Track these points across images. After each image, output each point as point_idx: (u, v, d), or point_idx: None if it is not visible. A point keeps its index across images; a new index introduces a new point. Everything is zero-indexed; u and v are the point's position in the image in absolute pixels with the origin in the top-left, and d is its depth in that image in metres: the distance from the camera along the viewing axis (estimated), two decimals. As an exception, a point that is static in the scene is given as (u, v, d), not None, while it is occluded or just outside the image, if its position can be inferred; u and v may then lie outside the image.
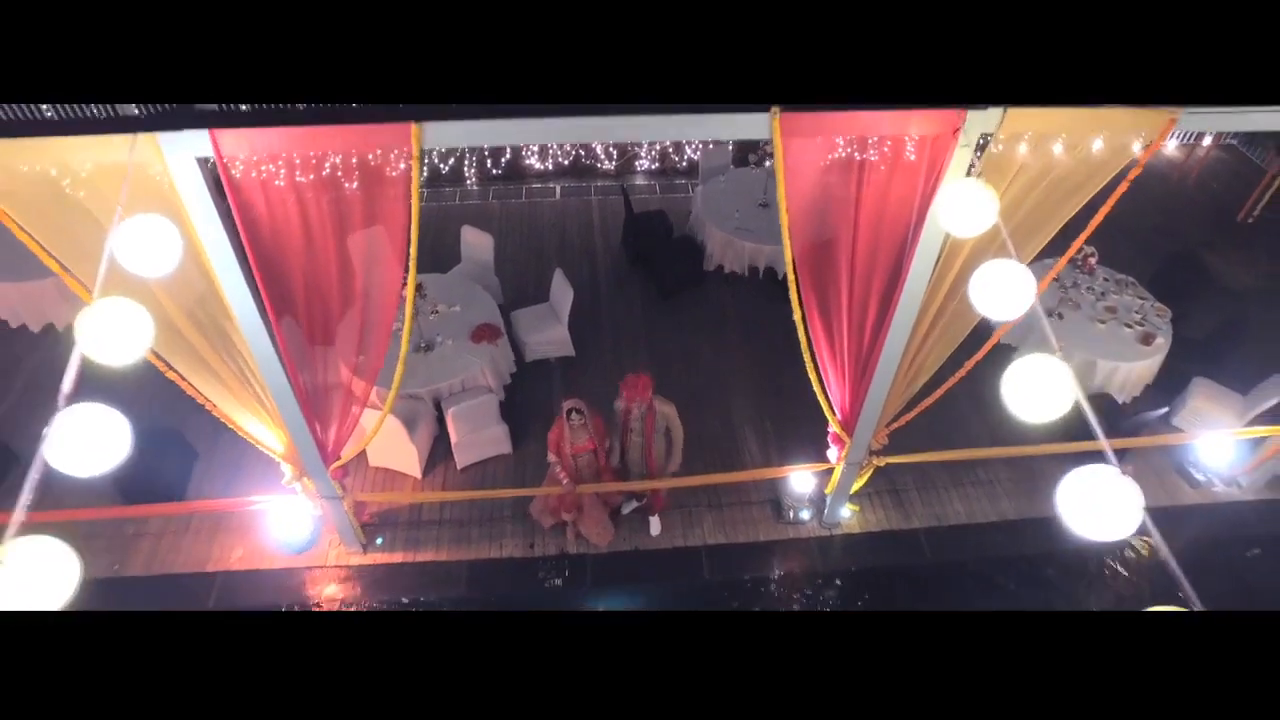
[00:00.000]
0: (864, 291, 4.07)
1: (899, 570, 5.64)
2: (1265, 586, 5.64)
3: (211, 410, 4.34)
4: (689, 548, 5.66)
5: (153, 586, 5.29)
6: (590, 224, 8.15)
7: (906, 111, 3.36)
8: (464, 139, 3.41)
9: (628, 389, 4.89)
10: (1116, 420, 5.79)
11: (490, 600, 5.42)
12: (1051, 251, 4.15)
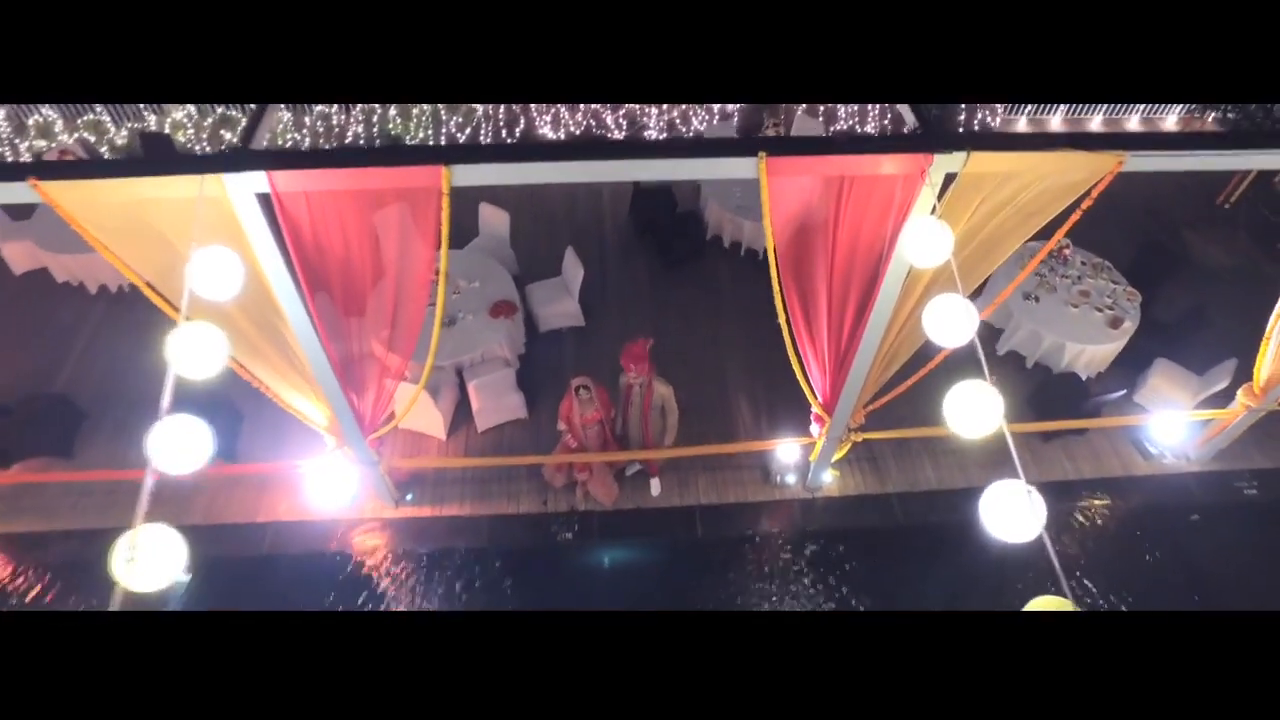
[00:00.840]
0: (841, 300, 4.56)
1: (873, 531, 6.30)
2: (1199, 548, 6.29)
3: (264, 391, 4.95)
4: (685, 507, 6.32)
5: (214, 534, 6.02)
6: (599, 194, 8.54)
7: (879, 155, 3.79)
8: (486, 178, 3.87)
9: (626, 357, 5.45)
10: (1078, 400, 6.30)
11: (508, 552, 6.14)
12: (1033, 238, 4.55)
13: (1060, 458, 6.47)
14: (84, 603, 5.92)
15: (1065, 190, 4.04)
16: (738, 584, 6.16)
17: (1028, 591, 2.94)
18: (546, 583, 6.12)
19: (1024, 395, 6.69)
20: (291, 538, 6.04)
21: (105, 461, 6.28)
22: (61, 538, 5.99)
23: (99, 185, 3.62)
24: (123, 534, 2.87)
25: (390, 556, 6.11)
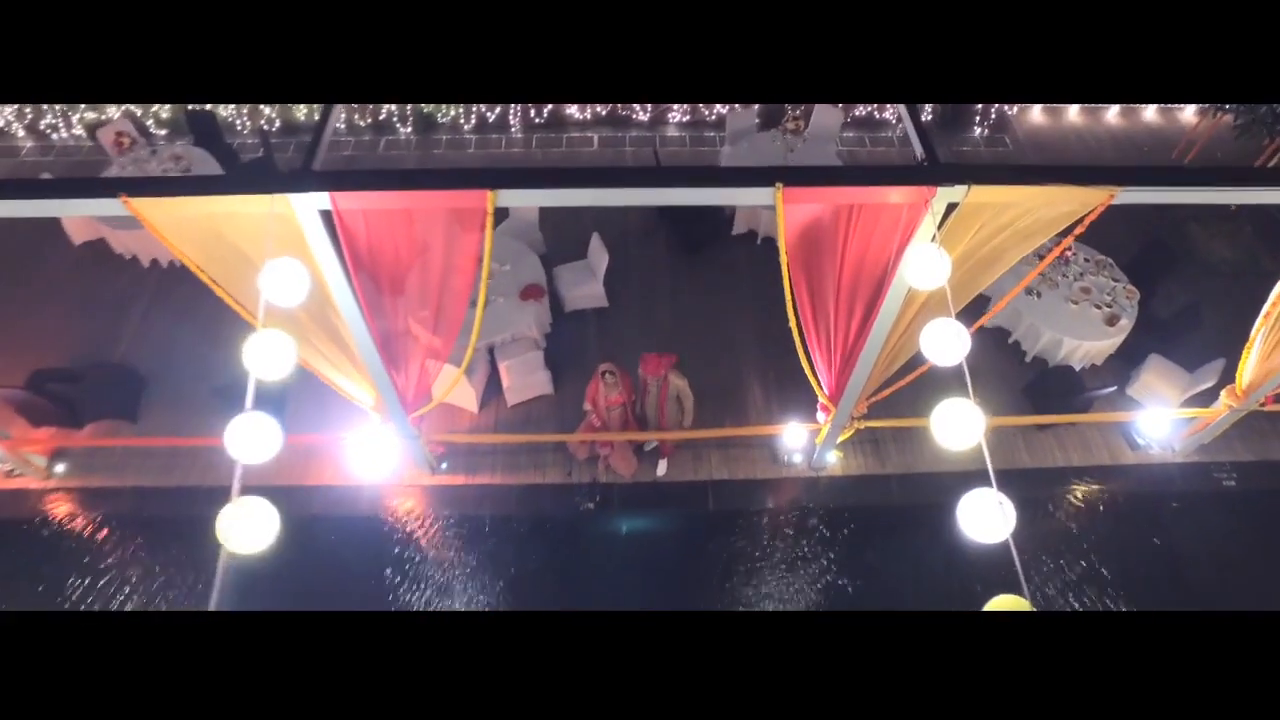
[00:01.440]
0: (848, 310, 4.94)
1: (872, 508, 6.79)
2: (1177, 532, 6.74)
3: (319, 376, 5.44)
4: (698, 481, 6.83)
5: (268, 494, 6.60)
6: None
7: (887, 187, 4.13)
8: (525, 201, 4.26)
9: (645, 365, 5.90)
10: (1073, 393, 6.68)
11: (535, 520, 6.70)
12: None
13: (1053, 446, 6.89)
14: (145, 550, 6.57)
15: (1059, 218, 4.36)
16: (744, 552, 6.71)
17: (1007, 566, 3.36)
18: (569, 547, 6.69)
19: (1022, 385, 7.07)
20: (338, 501, 6.61)
21: (165, 424, 6.85)
22: (130, 493, 6.60)
23: (180, 202, 4.05)
24: (222, 507, 3.41)
25: (427, 520, 6.69)
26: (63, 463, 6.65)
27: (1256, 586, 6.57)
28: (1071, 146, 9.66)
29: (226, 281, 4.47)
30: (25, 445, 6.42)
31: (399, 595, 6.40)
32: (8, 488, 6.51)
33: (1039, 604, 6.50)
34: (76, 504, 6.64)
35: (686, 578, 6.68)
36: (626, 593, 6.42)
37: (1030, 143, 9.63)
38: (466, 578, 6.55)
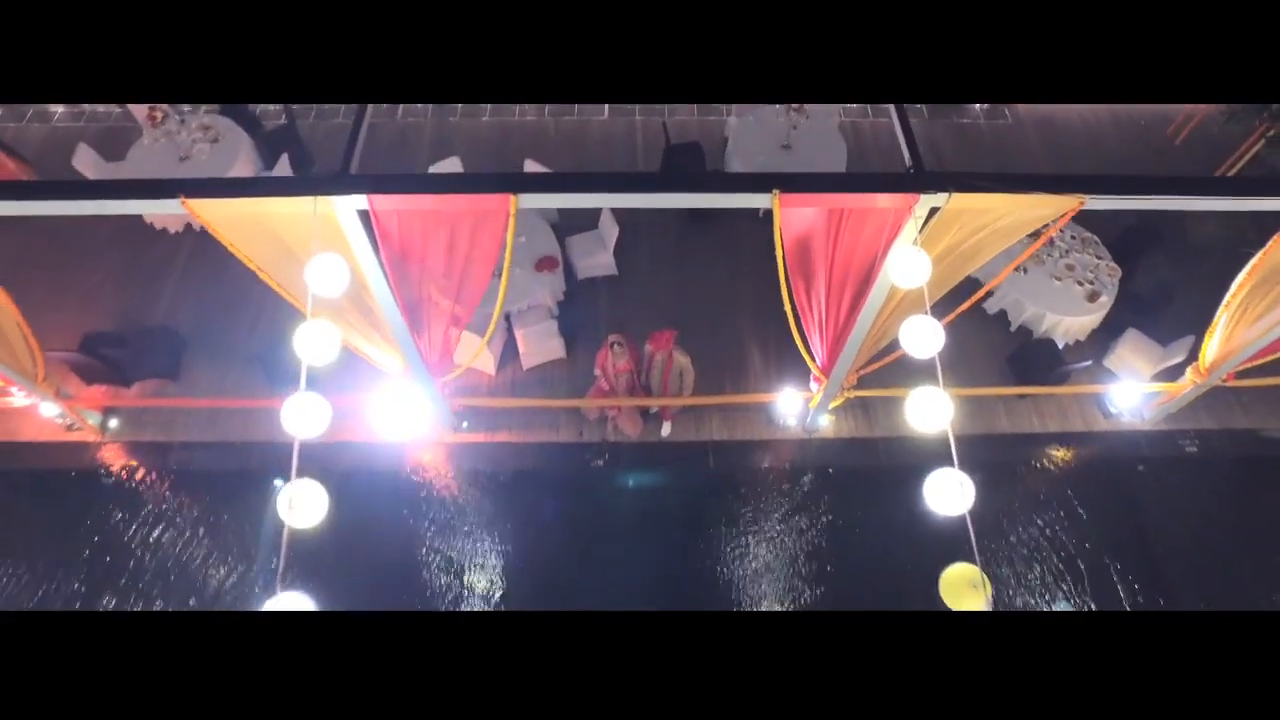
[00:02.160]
0: (838, 298, 5.37)
1: (860, 469, 7.35)
2: (1141, 493, 7.31)
3: (351, 349, 5.93)
4: (699, 442, 7.38)
5: (305, 451, 7.19)
6: (634, 151, 9.11)
7: (875, 194, 4.51)
8: (544, 203, 4.66)
9: (653, 341, 6.38)
10: (1052, 365, 7.14)
11: (549, 475, 7.29)
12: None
13: (1031, 412, 7.39)
14: (191, 498, 7.21)
15: (1034, 220, 4.75)
16: (741, 504, 7.32)
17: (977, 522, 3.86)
18: (581, 499, 7.30)
19: (1005, 354, 7.53)
20: (369, 456, 7.20)
21: (205, 382, 7.40)
22: (179, 447, 7.21)
23: (233, 202, 4.47)
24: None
25: (450, 474, 7.30)
26: (115, 419, 7.23)
27: (1215, 543, 7.17)
28: (1071, 121, 9.83)
29: (273, 269, 4.92)
30: (82, 403, 6.98)
31: (427, 542, 7.04)
32: (68, 440, 7.11)
33: (1011, 560, 7.13)
34: (129, 456, 7.26)
35: (688, 527, 7.31)
36: (632, 540, 7.05)
37: (1030, 117, 9.80)
38: (487, 525, 7.19)
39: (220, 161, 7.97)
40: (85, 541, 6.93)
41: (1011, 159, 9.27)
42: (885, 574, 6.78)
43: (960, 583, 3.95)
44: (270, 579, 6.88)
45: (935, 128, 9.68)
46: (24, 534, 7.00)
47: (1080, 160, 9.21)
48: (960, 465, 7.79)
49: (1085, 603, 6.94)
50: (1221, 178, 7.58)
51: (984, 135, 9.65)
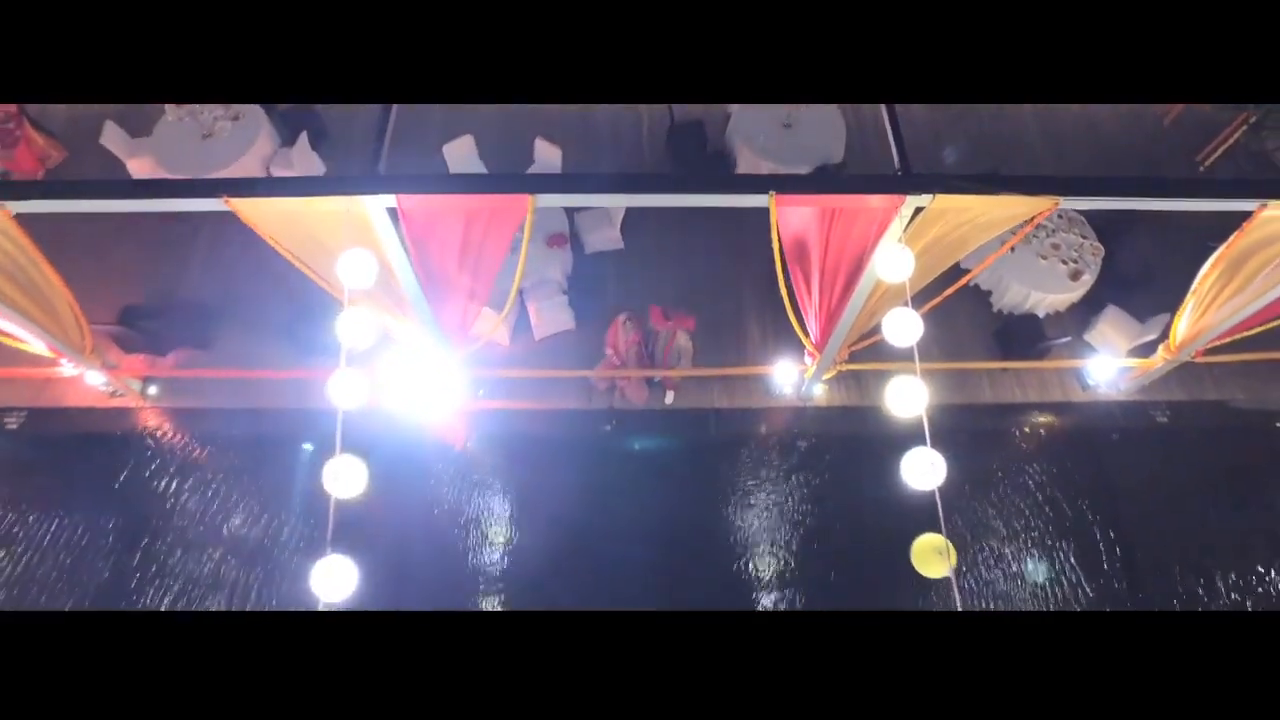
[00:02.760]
0: (830, 285, 5.77)
1: (851, 435, 7.85)
2: (1114, 460, 7.82)
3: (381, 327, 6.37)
4: (701, 409, 7.86)
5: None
6: (639, 125, 9.34)
7: (865, 195, 4.88)
8: (559, 203, 5.04)
9: (656, 318, 6.81)
10: (1034, 340, 7.56)
11: (561, 439, 7.80)
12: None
13: (1013, 384, 7.85)
14: (224, 460, 7.76)
15: (1013, 217, 5.13)
16: (740, 467, 7.86)
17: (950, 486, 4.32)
18: (590, 461, 7.82)
19: (990, 330, 7.95)
20: (393, 423, 7.69)
21: (236, 351, 7.85)
22: (214, 413, 7.72)
23: (273, 201, 4.86)
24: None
25: (468, 438, 7.83)
26: (153, 386, 7.72)
27: (1182, 505, 7.72)
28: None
29: (307, 257, 5.34)
30: (123, 372, 7.46)
31: (449, 500, 7.61)
32: (111, 406, 7.62)
33: (992, 518, 7.68)
34: (167, 421, 7.78)
35: (690, 486, 7.88)
36: (637, 500, 7.60)
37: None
38: (505, 486, 7.75)
39: (242, 138, 8.27)
40: (126, 497, 7.49)
41: (1006, 138, 9.46)
42: (870, 528, 7.34)
43: (928, 550, 4.45)
44: (302, 537, 7.52)
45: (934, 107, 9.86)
46: (71, 491, 7.57)
47: (1074, 137, 9.42)
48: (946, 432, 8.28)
49: (1059, 559, 7.52)
50: (1189, 180, 7.85)
51: (981, 115, 9.77)
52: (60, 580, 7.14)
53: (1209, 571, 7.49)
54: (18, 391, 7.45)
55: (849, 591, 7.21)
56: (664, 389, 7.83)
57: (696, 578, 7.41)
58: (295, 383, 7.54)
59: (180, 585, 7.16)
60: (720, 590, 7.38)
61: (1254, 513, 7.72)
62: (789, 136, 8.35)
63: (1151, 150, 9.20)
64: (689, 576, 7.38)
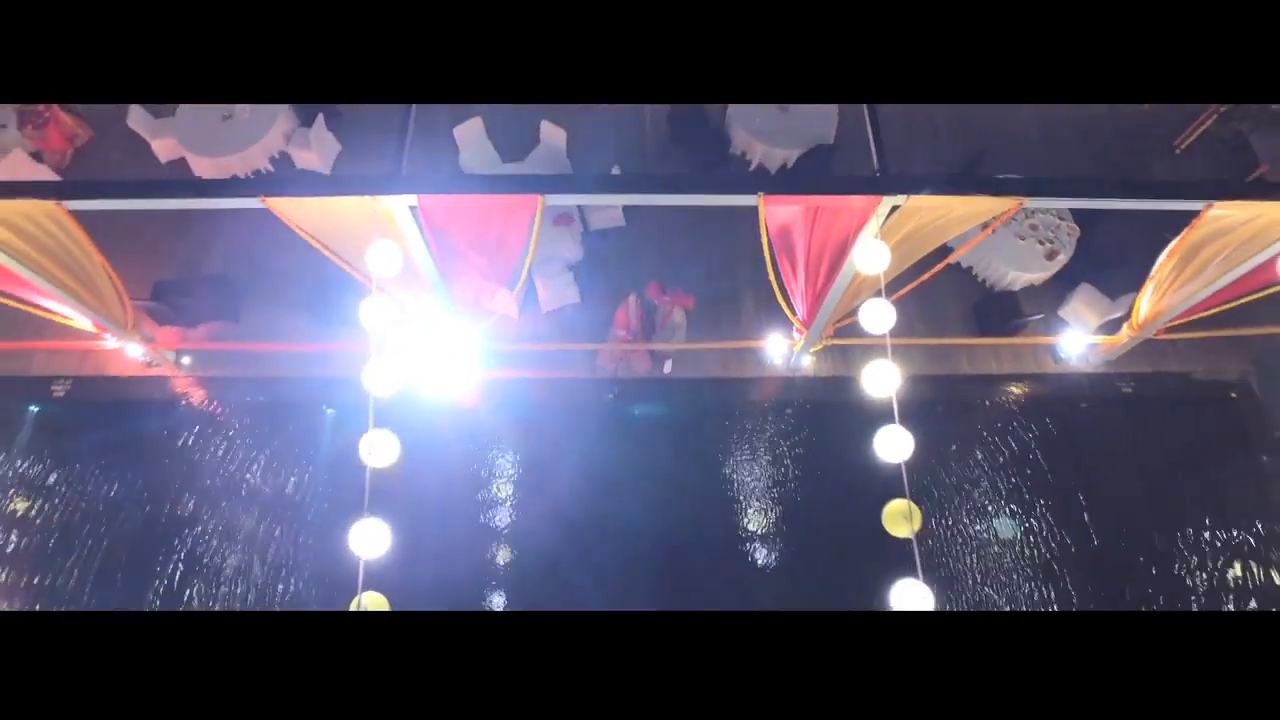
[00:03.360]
0: (815, 271, 6.27)
1: (836, 403, 8.41)
2: (1081, 426, 8.41)
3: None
4: (698, 378, 8.42)
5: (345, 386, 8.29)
6: (641, 106, 9.66)
7: (846, 196, 5.34)
8: (564, 202, 5.50)
9: (653, 292, 7.33)
10: (1010, 316, 8.07)
11: (567, 406, 8.39)
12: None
13: (989, 357, 8.38)
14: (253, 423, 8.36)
15: (981, 214, 5.59)
16: (733, 432, 8.48)
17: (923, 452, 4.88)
18: (594, 425, 8.41)
19: (970, 303, 8.46)
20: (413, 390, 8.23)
21: (264, 324, 8.39)
22: (241, 381, 8.30)
23: (306, 200, 5.34)
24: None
25: (482, 404, 8.42)
26: (186, 357, 8.28)
27: (1143, 469, 8.33)
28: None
29: (335, 247, 5.83)
30: (160, 344, 8.02)
31: (464, 461, 8.24)
32: (149, 375, 8.19)
33: (966, 479, 8.31)
34: (198, 388, 8.36)
35: (687, 448, 8.50)
36: (635, 459, 8.21)
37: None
38: (516, 446, 8.38)
39: (261, 119, 8.65)
40: (160, 456, 8.13)
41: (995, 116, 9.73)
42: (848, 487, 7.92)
43: (895, 514, 5.06)
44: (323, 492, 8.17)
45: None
46: (112, 450, 8.19)
47: (1060, 119, 9.67)
48: (927, 401, 8.88)
49: (1032, 515, 8.17)
50: (1144, 182, 8.19)
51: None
52: (102, 527, 7.84)
53: (1168, 528, 8.14)
54: (64, 362, 8.02)
55: (827, 542, 7.86)
56: (663, 359, 8.38)
57: (692, 528, 8.09)
58: (316, 352, 8.11)
59: (208, 534, 7.87)
60: (715, 540, 8.09)
61: (1210, 475, 8.34)
62: (783, 119, 8.72)
63: (1133, 130, 9.52)
64: (685, 527, 8.05)
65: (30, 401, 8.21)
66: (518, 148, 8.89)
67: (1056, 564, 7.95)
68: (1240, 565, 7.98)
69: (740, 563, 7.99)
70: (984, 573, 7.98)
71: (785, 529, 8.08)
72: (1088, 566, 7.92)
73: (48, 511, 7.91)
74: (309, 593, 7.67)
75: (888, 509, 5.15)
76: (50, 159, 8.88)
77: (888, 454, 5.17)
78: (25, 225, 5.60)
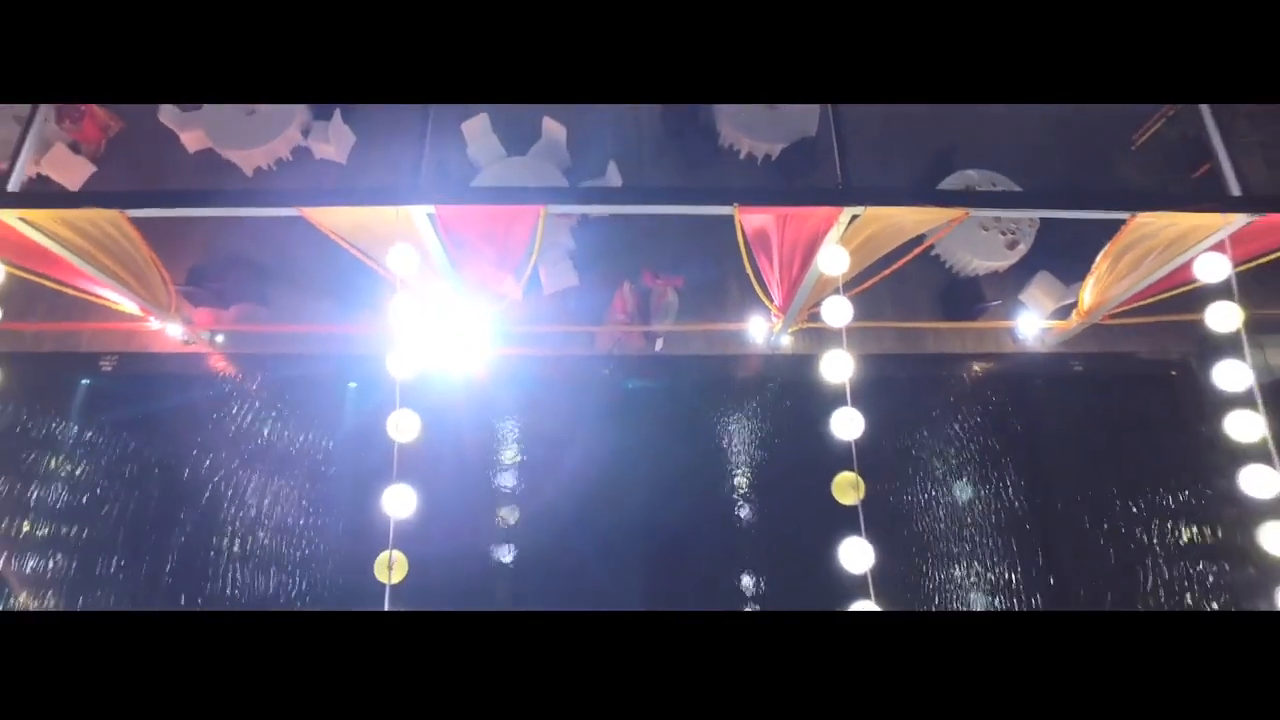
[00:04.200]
0: (789, 265, 7.01)
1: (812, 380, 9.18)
2: (1034, 401, 9.23)
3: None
4: (686, 356, 9.23)
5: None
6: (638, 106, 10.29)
7: (812, 208, 6.06)
8: (563, 211, 6.23)
9: (646, 278, 8.09)
10: (972, 301, 8.82)
11: (566, 380, 9.22)
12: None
13: (954, 337, 9.16)
14: (283, 396, 9.22)
15: (930, 222, 6.32)
16: (717, 404, 9.35)
17: (902, 421, 5.75)
18: (590, 398, 9.26)
19: (937, 289, 9.21)
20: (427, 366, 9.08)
21: (290, 307, 9.17)
22: (271, 357, 9.12)
23: (339, 210, 6.08)
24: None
25: (488, 378, 9.25)
26: (221, 336, 9.09)
27: (1091, 441, 9.17)
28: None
29: (362, 245, 6.58)
30: (197, 325, 8.82)
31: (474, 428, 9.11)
32: (188, 352, 9.01)
33: (928, 449, 9.17)
34: (232, 364, 9.19)
35: (675, 419, 9.36)
36: (630, 429, 9.08)
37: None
38: (520, 419, 9.25)
39: (283, 114, 9.30)
40: (198, 425, 9.02)
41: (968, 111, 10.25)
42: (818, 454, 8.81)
43: (844, 484, 5.87)
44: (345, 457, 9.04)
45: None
46: (154, 419, 9.07)
47: (1024, 112, 10.21)
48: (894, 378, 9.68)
49: (988, 481, 9.05)
50: (1078, 193, 8.67)
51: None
52: (145, 489, 8.79)
53: (1113, 494, 9.02)
54: (111, 340, 8.84)
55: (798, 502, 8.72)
56: (655, 338, 9.18)
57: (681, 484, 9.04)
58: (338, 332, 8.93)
59: (243, 491, 8.83)
60: (699, 497, 9.06)
61: (1151, 444, 9.18)
62: (768, 114, 9.35)
63: (1096, 124, 10.09)
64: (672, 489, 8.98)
65: (82, 375, 9.06)
66: (521, 140, 9.54)
67: (1012, 522, 8.86)
68: (1178, 523, 8.88)
69: (720, 507, 8.99)
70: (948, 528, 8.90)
71: (759, 485, 9.02)
72: (1040, 525, 8.83)
73: (102, 469, 8.84)
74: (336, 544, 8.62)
75: (837, 480, 5.91)
76: (86, 150, 9.55)
77: (841, 432, 5.95)
78: (88, 227, 6.36)
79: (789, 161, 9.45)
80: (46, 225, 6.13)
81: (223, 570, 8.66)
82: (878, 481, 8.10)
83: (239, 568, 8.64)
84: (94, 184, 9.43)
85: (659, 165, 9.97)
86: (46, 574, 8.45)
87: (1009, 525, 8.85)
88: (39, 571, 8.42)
